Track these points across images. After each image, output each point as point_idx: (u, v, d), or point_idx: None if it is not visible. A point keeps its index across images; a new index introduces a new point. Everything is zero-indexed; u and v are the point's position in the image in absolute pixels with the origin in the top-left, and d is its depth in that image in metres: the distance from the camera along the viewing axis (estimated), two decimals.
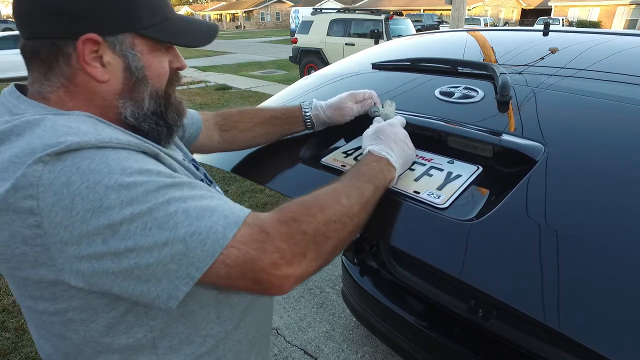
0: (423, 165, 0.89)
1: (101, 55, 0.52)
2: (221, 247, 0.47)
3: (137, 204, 0.45)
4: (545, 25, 1.56)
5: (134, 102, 0.56)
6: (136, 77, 0.55)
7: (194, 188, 0.51)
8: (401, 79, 1.27)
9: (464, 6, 6.97)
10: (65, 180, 0.43)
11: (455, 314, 1.36)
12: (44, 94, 0.53)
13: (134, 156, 0.48)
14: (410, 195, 0.79)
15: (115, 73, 0.54)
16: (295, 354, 1.86)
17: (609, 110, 0.90)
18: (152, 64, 0.56)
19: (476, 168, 0.85)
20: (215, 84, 8.64)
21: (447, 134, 0.94)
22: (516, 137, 0.84)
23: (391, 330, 1.47)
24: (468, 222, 0.70)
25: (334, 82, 1.39)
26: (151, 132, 0.59)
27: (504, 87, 0.96)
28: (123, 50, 0.53)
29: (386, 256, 1.63)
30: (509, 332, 1.26)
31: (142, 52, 0.55)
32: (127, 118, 0.56)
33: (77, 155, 0.44)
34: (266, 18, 45.27)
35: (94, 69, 0.52)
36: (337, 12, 9.06)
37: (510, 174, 0.79)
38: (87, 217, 0.43)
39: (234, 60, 13.16)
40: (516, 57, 1.30)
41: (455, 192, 0.79)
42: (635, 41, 1.36)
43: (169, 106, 0.61)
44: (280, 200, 3.23)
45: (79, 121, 0.49)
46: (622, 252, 0.60)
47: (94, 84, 0.53)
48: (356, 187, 0.63)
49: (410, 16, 16.96)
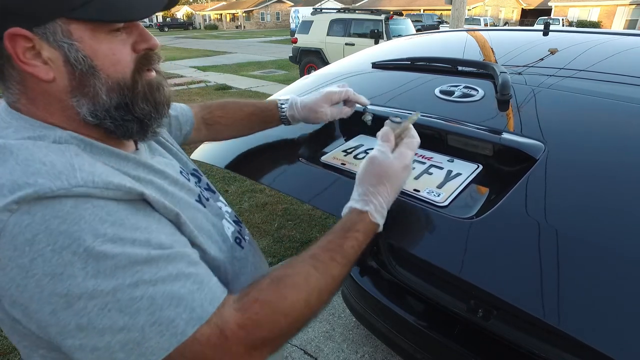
0: (423, 164, 0.89)
1: (39, 51, 0.45)
2: (178, 343, 0.43)
3: (103, 279, 0.41)
4: (545, 26, 1.55)
5: (88, 98, 0.49)
6: (80, 70, 0.47)
7: (171, 262, 0.46)
8: (401, 78, 1.27)
9: (464, 6, 6.97)
10: (29, 238, 0.39)
11: (455, 314, 1.36)
12: (14, 103, 0.48)
13: (112, 213, 0.43)
14: (410, 193, 0.79)
15: (59, 68, 0.47)
16: (295, 354, 1.86)
17: (608, 110, 0.90)
18: (98, 51, 0.48)
19: (476, 166, 0.85)
20: (215, 84, 8.63)
21: (447, 132, 0.94)
22: (516, 136, 0.84)
23: (391, 330, 1.47)
24: (468, 220, 0.70)
25: (334, 82, 1.38)
26: (117, 129, 0.52)
27: (504, 86, 0.96)
28: (57, 40, 0.45)
29: (386, 256, 1.63)
30: (509, 332, 1.25)
31: (81, 38, 0.46)
32: (86, 117, 0.50)
33: (49, 209, 0.40)
34: (266, 18, 45.25)
35: (35, 68, 0.45)
36: (337, 12, 9.05)
37: (510, 173, 0.79)
38: (43, 282, 0.39)
39: (234, 60, 13.15)
40: (516, 57, 1.30)
41: (455, 190, 0.79)
42: (635, 41, 1.36)
43: (136, 96, 0.53)
44: (279, 200, 3.23)
45: (58, 152, 0.44)
46: (621, 251, 0.60)
47: (44, 86, 0.47)
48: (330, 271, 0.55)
49: (410, 16, 16.95)
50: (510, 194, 0.71)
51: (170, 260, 0.46)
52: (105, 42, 0.48)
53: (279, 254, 2.52)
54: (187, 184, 0.62)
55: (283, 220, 2.93)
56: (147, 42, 0.53)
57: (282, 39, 23.38)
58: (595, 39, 1.39)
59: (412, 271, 1.55)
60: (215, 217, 0.64)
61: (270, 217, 2.98)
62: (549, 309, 0.54)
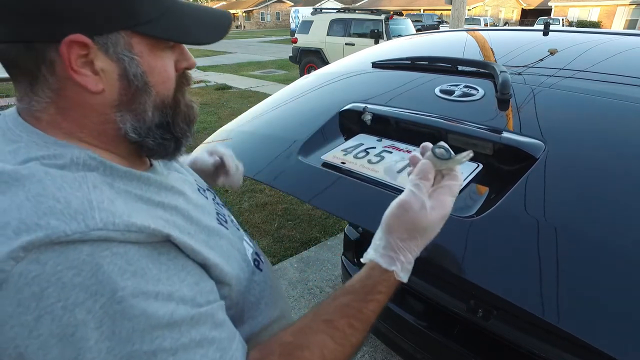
0: None
1: (92, 61, 0.42)
2: None
3: (118, 342, 0.36)
4: (545, 26, 1.55)
5: (134, 114, 0.47)
6: (135, 86, 0.45)
7: (194, 325, 0.41)
8: (401, 78, 1.27)
9: (464, 6, 6.97)
10: (37, 292, 0.34)
11: (455, 314, 1.36)
12: (34, 112, 0.44)
13: (133, 262, 0.39)
14: None
15: (111, 81, 0.44)
16: None
17: (608, 109, 0.91)
18: (154, 68, 0.46)
19: (476, 166, 0.85)
20: (215, 84, 8.63)
21: (447, 131, 0.94)
22: (516, 135, 0.84)
23: (391, 330, 1.47)
24: (468, 219, 0.70)
25: (334, 81, 1.39)
26: (157, 148, 0.50)
27: (504, 85, 0.96)
28: (118, 53, 0.43)
29: None
30: (509, 332, 1.26)
31: (142, 53, 0.45)
32: (128, 134, 0.47)
33: (62, 258, 0.35)
34: (266, 18, 45.25)
35: (85, 78, 0.42)
36: (337, 12, 9.06)
37: (510, 172, 0.79)
38: (49, 343, 0.34)
39: (234, 60, 13.15)
40: (516, 57, 1.30)
41: None
42: (635, 41, 1.36)
43: (178, 115, 0.51)
44: (279, 200, 3.23)
45: (74, 184, 0.39)
46: (622, 249, 0.60)
47: (86, 97, 0.43)
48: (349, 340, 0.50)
49: (410, 16, 16.96)
50: (511, 192, 0.71)
51: (194, 323, 0.41)
52: (160, 59, 0.47)
53: (279, 254, 2.52)
54: (205, 204, 0.57)
55: (283, 220, 2.93)
56: (187, 61, 0.51)
57: (282, 39, 23.38)
58: (596, 39, 1.39)
59: (411, 271, 1.55)
60: (238, 239, 0.59)
61: (270, 217, 2.98)
62: (549, 308, 0.54)
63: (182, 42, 0.48)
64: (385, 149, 0.99)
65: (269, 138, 1.16)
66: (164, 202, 0.47)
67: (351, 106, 1.14)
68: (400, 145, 0.99)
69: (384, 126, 1.08)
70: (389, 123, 1.07)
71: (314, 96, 1.35)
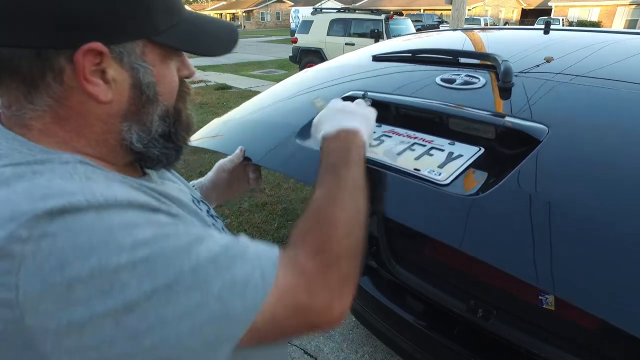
0: (423, 146, 0.88)
1: (104, 69, 0.41)
2: (264, 295, 0.40)
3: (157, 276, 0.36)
4: (546, 24, 1.56)
5: (141, 124, 0.46)
6: (147, 96, 0.44)
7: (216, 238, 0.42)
8: (401, 69, 1.27)
9: (464, 6, 6.96)
10: (57, 265, 0.32)
11: (455, 314, 1.36)
12: (25, 120, 0.41)
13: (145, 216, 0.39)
14: (411, 172, 0.79)
15: (121, 91, 0.43)
16: (295, 354, 1.86)
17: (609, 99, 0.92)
18: (164, 77, 0.46)
19: (478, 149, 0.85)
20: (215, 84, 8.62)
21: (449, 115, 0.93)
22: (519, 119, 0.84)
23: (391, 329, 1.47)
24: (471, 197, 0.70)
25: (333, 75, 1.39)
26: (160, 157, 0.49)
27: (506, 73, 0.96)
28: (132, 62, 0.42)
29: (385, 255, 1.62)
30: (509, 332, 1.25)
31: (154, 62, 0.44)
32: (133, 144, 0.46)
33: (69, 225, 0.34)
34: (266, 18, 45.25)
35: (96, 87, 0.40)
36: (337, 11, 9.06)
37: (512, 155, 0.79)
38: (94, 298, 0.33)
39: (234, 60, 13.14)
40: (518, 53, 1.30)
41: (457, 170, 0.78)
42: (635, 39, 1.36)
43: (180, 124, 0.51)
44: (279, 200, 3.23)
45: (65, 176, 0.38)
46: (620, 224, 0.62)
47: (91, 106, 0.42)
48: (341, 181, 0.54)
49: (411, 16, 16.94)
50: (515, 171, 0.71)
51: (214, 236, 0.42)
52: (169, 68, 0.46)
53: None
54: (200, 214, 0.57)
55: (283, 220, 2.93)
56: (188, 70, 0.50)
57: (282, 39, 23.38)
58: (597, 37, 1.39)
59: (411, 271, 1.55)
60: None
61: (270, 217, 2.98)
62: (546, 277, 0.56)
63: (196, 53, 0.47)
64: (384, 134, 0.98)
65: (265, 124, 1.16)
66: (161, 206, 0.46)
67: (350, 93, 1.13)
68: (400, 131, 0.98)
69: (383, 112, 1.06)
70: (388, 109, 1.06)
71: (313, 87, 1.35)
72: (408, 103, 0.96)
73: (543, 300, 1.49)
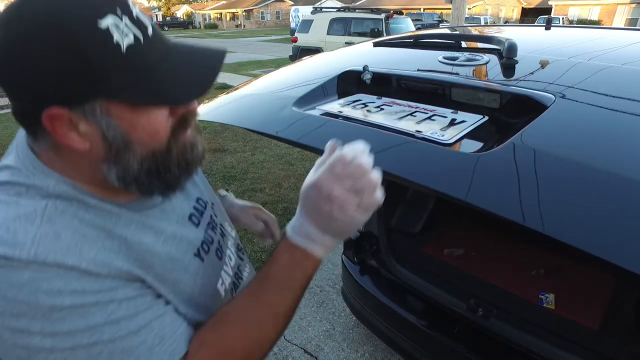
0: (425, 114, 0.88)
1: (76, 125, 0.45)
2: None
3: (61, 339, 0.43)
4: (547, 21, 1.57)
5: (120, 167, 0.49)
6: (116, 146, 0.47)
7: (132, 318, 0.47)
8: (403, 53, 1.26)
9: (464, 5, 6.95)
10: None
11: (454, 313, 1.36)
12: (37, 150, 0.50)
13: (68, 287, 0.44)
14: (413, 134, 0.78)
15: (94, 142, 0.47)
16: (295, 353, 1.86)
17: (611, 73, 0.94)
18: (137, 125, 0.47)
19: (481, 117, 0.84)
20: (215, 83, 8.61)
21: (452, 84, 0.92)
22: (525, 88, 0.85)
23: (391, 329, 1.47)
24: (475, 153, 0.71)
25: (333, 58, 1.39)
26: (142, 192, 0.52)
27: (510, 50, 0.96)
28: (96, 118, 0.45)
29: (386, 255, 1.63)
30: (509, 332, 1.26)
31: (122, 115, 0.46)
32: (113, 182, 0.50)
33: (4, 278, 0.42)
34: (266, 17, 45.21)
35: (71, 140, 0.45)
36: (337, 11, 9.06)
37: (517, 123, 0.79)
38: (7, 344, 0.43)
39: (234, 59, 13.14)
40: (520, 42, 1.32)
41: (460, 132, 0.78)
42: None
43: (170, 162, 0.51)
44: (279, 200, 3.23)
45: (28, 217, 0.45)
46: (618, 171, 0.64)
47: (77, 150, 0.47)
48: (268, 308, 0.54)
49: (411, 15, 16.92)
50: (521, 132, 0.72)
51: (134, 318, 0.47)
52: (145, 115, 0.47)
53: None
54: (187, 235, 0.59)
55: (283, 220, 2.93)
56: (185, 107, 0.51)
57: (282, 38, 23.36)
58: (599, 33, 1.40)
59: (412, 270, 1.55)
60: (213, 272, 0.63)
61: None
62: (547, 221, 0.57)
63: (157, 104, 0.48)
64: (385, 104, 0.96)
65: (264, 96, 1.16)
66: (126, 236, 0.50)
67: (350, 68, 1.11)
68: (401, 102, 0.96)
69: (384, 86, 1.05)
70: (390, 83, 1.05)
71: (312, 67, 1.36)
72: (409, 74, 0.95)
73: (543, 300, 1.49)
